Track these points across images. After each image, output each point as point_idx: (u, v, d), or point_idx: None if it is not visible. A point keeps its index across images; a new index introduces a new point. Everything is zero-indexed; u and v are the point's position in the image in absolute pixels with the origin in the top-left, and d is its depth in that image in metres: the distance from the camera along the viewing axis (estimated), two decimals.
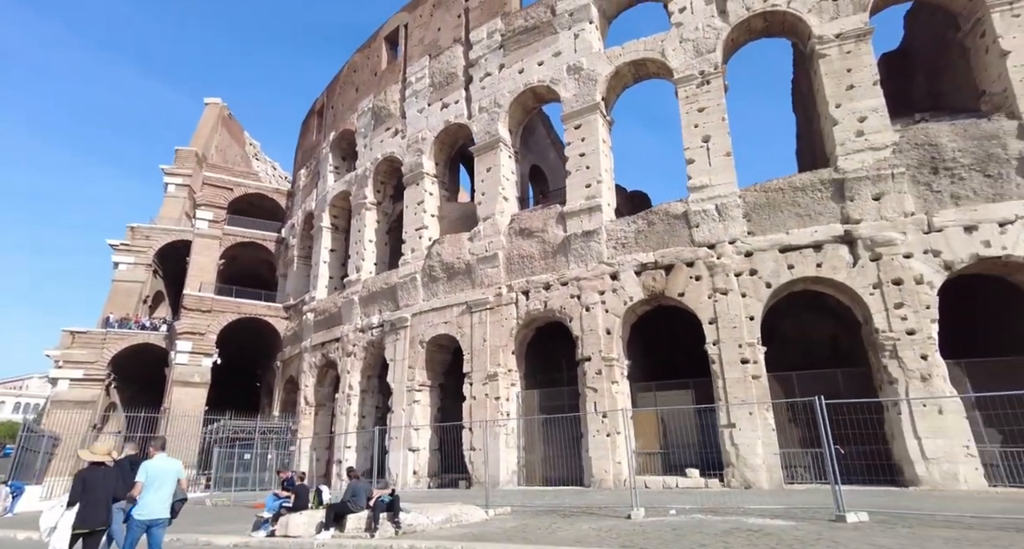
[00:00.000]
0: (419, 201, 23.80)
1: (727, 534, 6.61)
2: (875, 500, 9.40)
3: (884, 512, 7.99)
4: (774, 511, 8.55)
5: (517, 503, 11.02)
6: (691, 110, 17.76)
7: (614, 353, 17.02)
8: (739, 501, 9.66)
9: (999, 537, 6.16)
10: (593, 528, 7.43)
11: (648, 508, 8.70)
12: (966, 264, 13.84)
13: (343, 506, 8.80)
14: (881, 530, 6.58)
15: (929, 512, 7.97)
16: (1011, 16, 14.71)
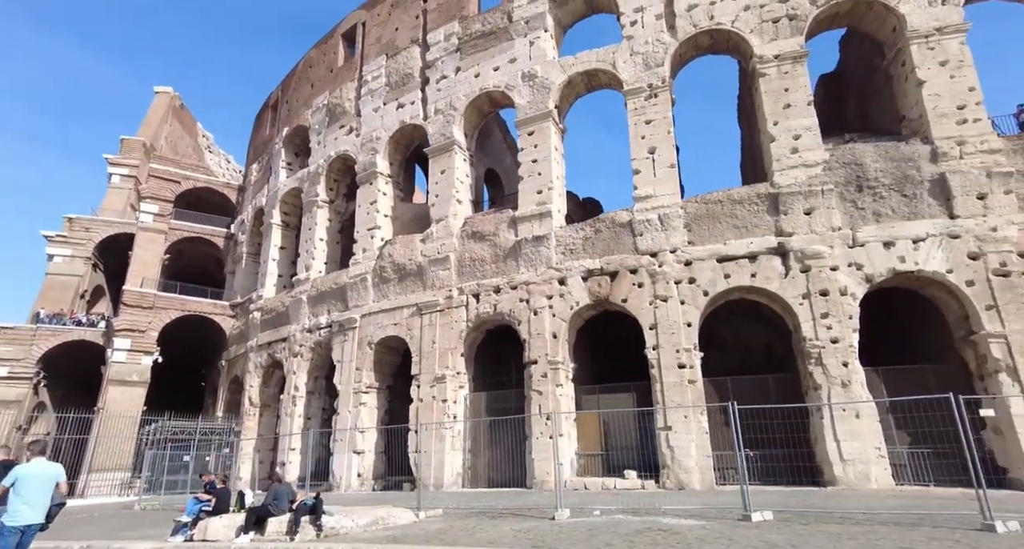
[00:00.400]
0: (372, 201, 23.64)
1: (637, 534, 6.95)
2: (787, 499, 9.98)
3: (789, 511, 8.52)
4: (690, 511, 8.98)
5: (453, 505, 11.16)
6: (639, 122, 18.30)
7: (559, 356, 17.36)
8: (665, 502, 10.07)
9: (876, 531, 6.71)
10: (514, 529, 7.66)
11: (574, 509, 8.99)
12: (885, 278, 14.77)
13: (264, 509, 8.72)
14: (779, 528, 7.05)
15: (829, 510, 8.55)
16: (927, 49, 15.78)
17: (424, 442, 18.44)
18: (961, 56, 15.56)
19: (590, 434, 17.66)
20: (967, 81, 15.34)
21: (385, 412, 21.68)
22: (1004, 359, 13.27)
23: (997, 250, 13.89)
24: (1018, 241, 13.86)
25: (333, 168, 26.48)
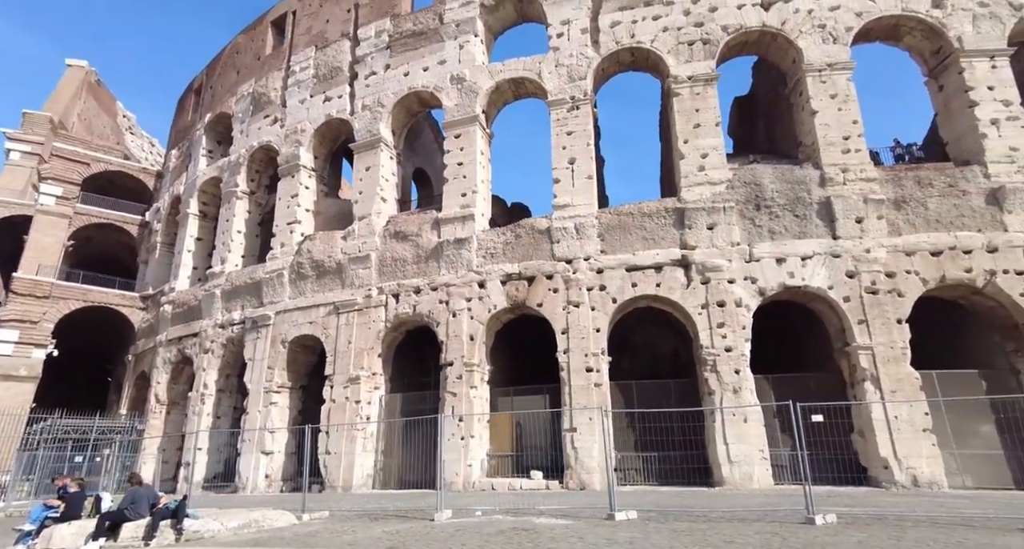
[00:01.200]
0: (293, 194, 23.05)
1: (499, 533, 7.27)
2: (669, 499, 10.65)
3: (656, 510, 9.13)
4: (565, 511, 9.44)
5: (346, 507, 11.15)
6: (561, 133, 18.81)
7: (475, 358, 17.59)
8: (553, 502, 10.45)
9: (717, 526, 7.36)
10: (385, 531, 7.81)
11: (457, 510, 9.23)
12: (776, 292, 15.90)
13: (119, 514, 8.36)
14: (634, 526, 7.58)
15: (692, 509, 9.22)
16: (820, 82, 17.12)
17: (334, 443, 18.24)
18: (848, 91, 16.98)
19: (503, 435, 17.99)
20: (851, 114, 16.75)
21: (298, 412, 21.21)
22: (869, 369, 14.61)
23: (869, 270, 15.26)
24: (886, 262, 15.28)
25: (255, 159, 25.61)
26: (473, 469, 16.59)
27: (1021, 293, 14.54)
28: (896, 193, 15.92)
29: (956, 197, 15.58)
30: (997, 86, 16.39)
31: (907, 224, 15.71)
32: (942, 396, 14.65)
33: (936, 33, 17.27)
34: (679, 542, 6.31)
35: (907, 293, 15.11)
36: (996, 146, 15.85)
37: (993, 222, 15.27)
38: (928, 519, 7.76)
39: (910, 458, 13.75)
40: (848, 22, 17.64)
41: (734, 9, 18.37)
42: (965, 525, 7.28)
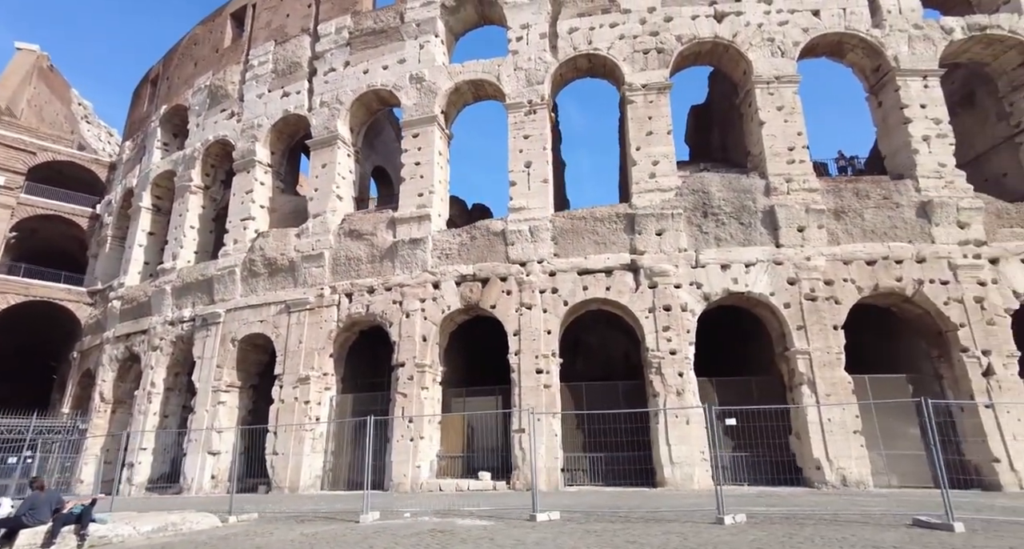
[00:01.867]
0: (248, 190, 22.64)
1: (414, 535, 7.35)
2: (599, 499, 10.85)
3: (581, 511, 9.33)
4: (491, 512, 9.56)
5: (280, 508, 11.04)
6: (518, 136, 18.96)
7: (427, 359, 17.58)
8: (491, 503, 10.56)
9: (631, 527, 7.59)
10: (304, 533, 7.79)
11: (387, 512, 9.26)
12: (720, 297, 16.34)
13: (16, 521, 8.05)
14: (552, 526, 7.75)
15: (617, 509, 9.46)
16: (768, 93, 17.68)
17: (282, 444, 18.01)
18: (794, 104, 17.58)
19: (454, 436, 18.04)
20: (796, 126, 17.35)
21: (248, 412, 20.86)
22: (806, 373, 15.15)
23: (809, 277, 15.83)
24: (825, 271, 15.87)
25: (211, 153, 25.07)
26: (422, 470, 16.59)
27: (944, 302, 15.28)
28: (836, 204, 16.55)
29: (890, 209, 16.28)
30: (929, 105, 17.18)
31: (845, 234, 16.35)
32: (873, 399, 15.34)
33: (876, 51, 18.01)
34: (584, 543, 6.50)
35: (844, 300, 15.72)
36: (927, 162, 16.62)
37: (922, 234, 16.01)
38: (832, 517, 8.16)
39: (840, 459, 14.32)
40: (795, 37, 18.25)
41: (688, 19, 18.81)
42: (862, 522, 7.68)
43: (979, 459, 14.34)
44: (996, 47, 18.12)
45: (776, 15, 18.52)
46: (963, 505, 9.95)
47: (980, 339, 14.90)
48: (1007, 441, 13.89)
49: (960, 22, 18.06)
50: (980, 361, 14.75)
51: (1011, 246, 15.69)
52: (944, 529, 7.11)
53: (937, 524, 7.28)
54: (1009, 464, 13.75)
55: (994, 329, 14.96)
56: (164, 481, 20.98)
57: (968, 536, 6.69)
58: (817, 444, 14.53)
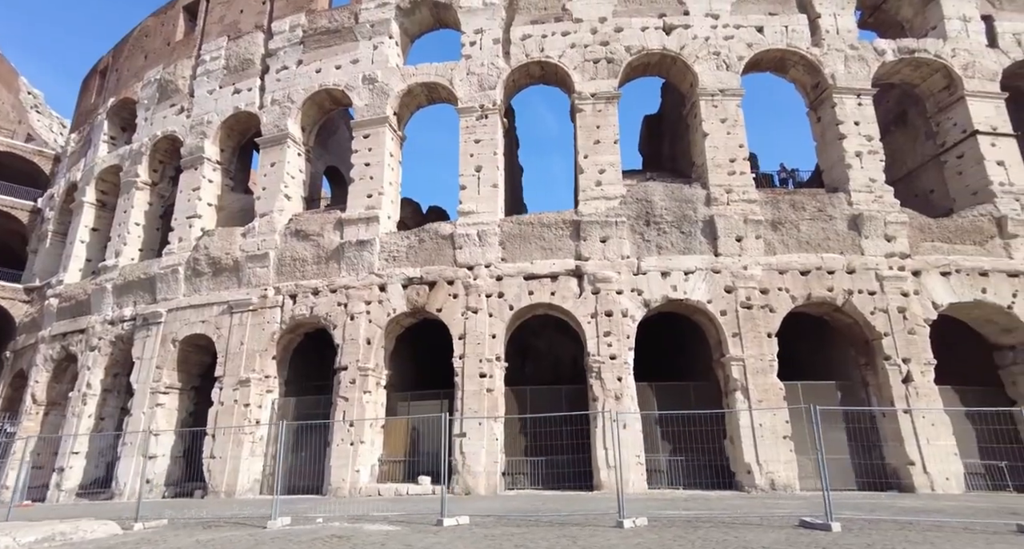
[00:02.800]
0: (195, 187, 22.14)
1: (313, 541, 7.29)
2: (527, 504, 10.94)
3: (495, 515, 9.41)
4: (402, 517, 9.57)
5: (191, 514, 10.79)
6: (469, 140, 19.02)
7: (371, 363, 17.44)
8: (408, 507, 10.53)
9: (533, 530, 7.69)
10: (200, 540, 7.62)
11: (299, 517, 9.17)
12: (660, 304, 16.68)
13: None
14: (456, 531, 7.80)
15: (536, 514, 9.58)
16: (712, 106, 18.17)
17: (220, 447, 17.62)
18: (736, 116, 18.10)
19: (397, 440, 17.94)
20: (739, 139, 17.86)
21: (189, 414, 20.35)
22: (740, 379, 15.57)
23: (745, 286, 16.29)
24: (761, 280, 16.36)
25: (159, 148, 24.42)
26: (361, 475, 16.44)
27: (871, 312, 15.92)
28: (774, 215, 17.09)
29: (824, 221, 16.89)
30: (862, 122, 17.91)
31: (781, 244, 16.89)
32: (804, 404, 15.84)
33: (815, 69, 18.69)
34: (477, 547, 6.57)
35: (778, 309, 16.22)
36: (859, 176, 17.31)
37: (853, 246, 16.66)
38: (732, 520, 8.44)
39: (770, 463, 14.75)
40: (740, 51, 18.80)
41: (638, 31, 19.21)
42: (755, 525, 7.96)
43: (897, 462, 14.96)
44: (924, 70, 18.99)
45: (722, 30, 19.05)
46: (867, 506, 10.40)
47: (901, 347, 15.56)
48: (921, 445, 14.54)
49: (892, 45, 18.89)
50: (901, 368, 15.41)
51: (932, 259, 16.44)
52: (823, 529, 7.45)
53: (819, 525, 7.61)
54: (922, 467, 14.38)
55: (914, 338, 15.65)
56: (97, 486, 20.27)
57: (841, 535, 7.05)
58: (748, 449, 14.93)
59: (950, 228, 16.91)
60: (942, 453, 14.50)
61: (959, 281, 16.27)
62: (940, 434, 14.72)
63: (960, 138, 18.37)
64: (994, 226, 16.76)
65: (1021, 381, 16.03)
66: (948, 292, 16.19)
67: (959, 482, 14.39)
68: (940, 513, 9.39)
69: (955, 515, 9.14)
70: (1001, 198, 17.01)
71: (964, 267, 16.35)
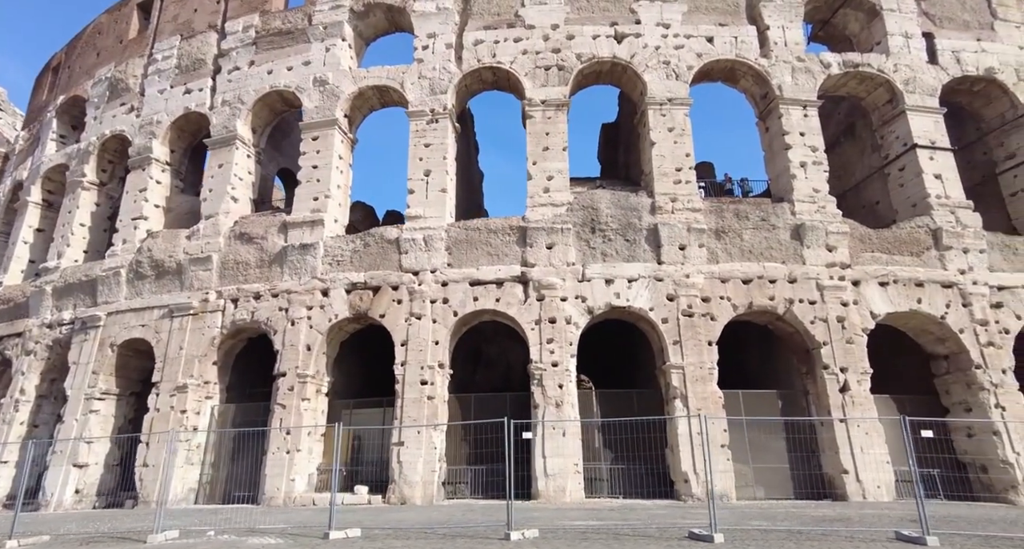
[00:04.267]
0: (142, 188, 21.61)
1: None
2: (431, 515, 10.70)
3: (389, 528, 9.16)
4: (289, 529, 9.29)
5: (90, 530, 10.32)
6: (419, 144, 18.85)
7: (311, 370, 17.08)
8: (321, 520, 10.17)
9: (423, 543, 7.47)
10: None
11: (187, 531, 8.83)
12: (603, 311, 16.62)
13: None
14: (344, 544, 7.56)
15: (426, 526, 9.36)
16: (660, 114, 18.27)
17: (154, 455, 17.05)
18: (684, 125, 18.21)
19: (342, 450, 17.52)
20: (685, 148, 17.96)
21: (128, 421, 19.70)
22: (680, 387, 15.54)
23: (687, 294, 16.31)
24: (703, 288, 16.40)
25: (108, 148, 23.82)
26: (296, 484, 16.04)
27: (811, 321, 16.04)
28: (717, 224, 17.17)
29: (767, 230, 17.02)
30: (807, 133, 18.15)
31: (724, 253, 16.96)
32: (745, 414, 15.88)
33: (763, 80, 18.91)
34: None
35: (719, 317, 16.26)
36: (802, 186, 17.50)
37: (795, 255, 16.80)
38: (631, 531, 8.32)
39: (706, 472, 14.65)
40: (689, 61, 18.96)
41: (589, 39, 19.27)
42: (645, 536, 7.84)
43: (833, 471, 15.03)
44: (869, 83, 19.34)
45: (673, 39, 19.20)
46: (767, 515, 10.34)
47: (839, 357, 15.69)
48: (855, 453, 14.63)
49: (837, 58, 19.22)
50: (838, 377, 15.52)
51: (871, 269, 16.65)
52: (706, 541, 7.36)
53: (704, 536, 7.52)
54: (856, 476, 14.46)
55: (852, 347, 15.79)
56: (27, 497, 19.45)
57: (720, 546, 6.95)
58: (686, 457, 14.86)
59: (889, 239, 17.16)
60: (874, 462, 14.60)
61: (896, 291, 16.49)
62: (873, 443, 14.83)
63: (901, 151, 18.71)
64: (930, 237, 17.05)
65: (954, 390, 16.26)
66: (886, 302, 16.39)
67: (890, 490, 14.49)
68: (842, 522, 9.39)
69: (854, 524, 9.14)
70: (937, 210, 17.32)
71: (901, 277, 16.59)
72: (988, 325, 16.06)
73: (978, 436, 15.34)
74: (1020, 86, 19.18)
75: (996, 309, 16.31)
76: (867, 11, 20.30)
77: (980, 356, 15.73)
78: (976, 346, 15.84)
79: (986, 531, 8.71)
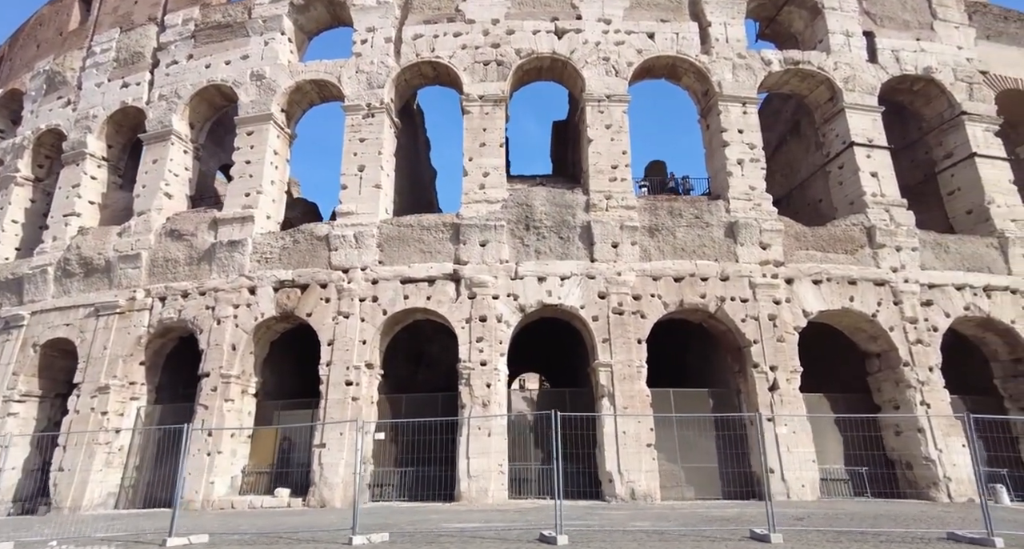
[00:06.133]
0: (75, 184, 21.00)
1: None
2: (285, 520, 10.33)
3: (248, 533, 8.79)
4: (128, 537, 8.87)
5: None
6: (353, 139, 18.48)
7: (235, 370, 16.62)
8: (191, 526, 9.79)
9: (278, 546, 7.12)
10: None
11: (27, 543, 8.39)
12: (535, 309, 16.33)
13: None
14: None
15: (273, 530, 8.99)
16: (598, 111, 18.07)
17: (71, 459, 16.48)
18: (622, 122, 18.02)
19: (265, 450, 17.12)
20: (622, 145, 17.76)
21: (55, 424, 19.02)
22: (607, 385, 15.29)
23: (618, 291, 16.07)
24: (635, 285, 16.17)
25: (43, 142, 23.16)
26: (216, 486, 15.56)
27: (742, 319, 15.87)
28: (651, 221, 16.97)
29: (701, 228, 16.85)
30: (746, 130, 18.02)
31: (657, 251, 16.76)
32: (675, 412, 15.69)
33: (704, 77, 18.77)
34: None
35: (649, 315, 16.04)
36: (738, 184, 17.37)
37: (728, 253, 16.63)
38: (493, 535, 7.99)
39: (631, 472, 14.44)
40: (630, 57, 18.77)
41: (529, 34, 19.03)
42: (500, 539, 7.52)
43: (760, 470, 14.80)
44: (810, 81, 19.29)
45: (614, 35, 19.01)
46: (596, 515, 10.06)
47: (770, 355, 15.53)
48: (781, 452, 14.45)
49: (778, 55, 19.15)
50: (768, 376, 15.36)
51: (805, 267, 16.53)
52: (550, 542, 7.09)
53: (550, 537, 7.24)
54: (781, 474, 14.28)
55: (783, 346, 15.64)
56: None
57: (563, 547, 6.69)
58: (611, 457, 14.62)
59: (824, 237, 17.07)
60: (800, 460, 14.45)
61: (829, 289, 16.38)
62: (800, 441, 14.68)
63: (841, 149, 18.67)
64: (864, 235, 16.98)
65: (885, 388, 16.17)
66: (819, 300, 16.28)
67: (814, 489, 14.34)
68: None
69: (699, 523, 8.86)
70: (872, 208, 17.26)
71: (835, 275, 16.49)
72: (917, 323, 16.00)
73: (905, 433, 15.25)
74: (957, 86, 19.24)
75: (926, 307, 16.25)
76: (810, 9, 20.27)
77: (908, 354, 15.66)
78: (905, 344, 15.77)
79: (833, 526, 8.61)
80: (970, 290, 16.56)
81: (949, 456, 14.46)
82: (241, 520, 10.82)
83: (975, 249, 17.16)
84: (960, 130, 18.95)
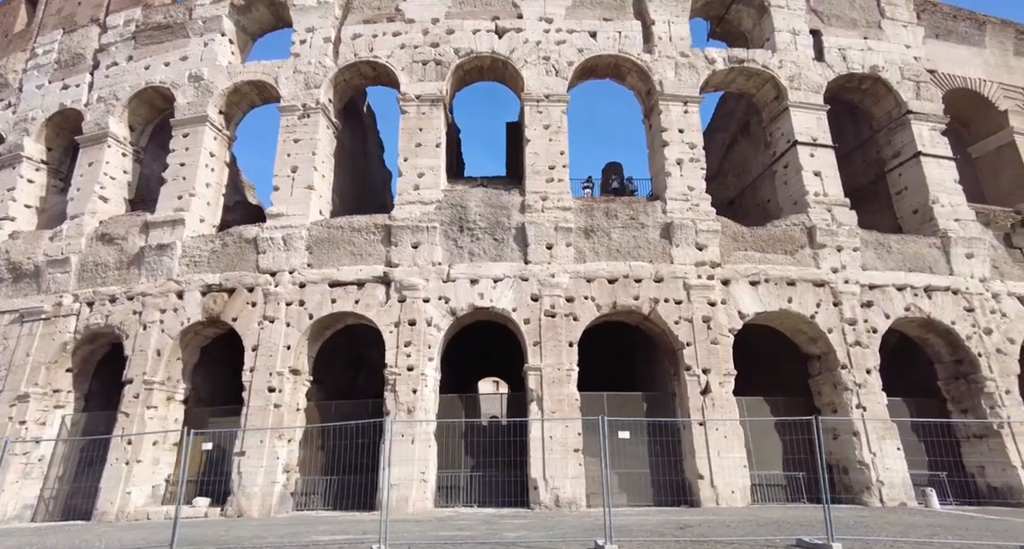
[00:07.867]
0: (10, 187, 20.55)
1: None
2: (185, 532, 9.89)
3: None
4: None
5: None
6: (288, 140, 18.13)
7: (159, 376, 16.15)
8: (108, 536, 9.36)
9: None
10: None
11: None
12: (466, 312, 15.92)
13: None
14: None
15: (228, 542, 8.56)
16: (537, 111, 17.77)
17: None
18: (560, 123, 17.71)
19: (191, 459, 16.51)
20: (560, 145, 17.44)
21: None
22: (536, 389, 14.86)
23: (551, 294, 15.68)
24: (568, 288, 15.79)
25: None
26: (133, 496, 15.04)
27: (676, 321, 15.48)
28: (587, 222, 16.61)
29: (636, 229, 16.49)
30: (687, 129, 17.72)
31: (592, 252, 16.39)
32: (608, 417, 15.21)
33: (646, 76, 18.48)
34: None
35: (582, 317, 15.64)
36: (677, 184, 17.03)
37: (663, 254, 16.27)
38: None
39: (556, 479, 14.00)
40: (570, 57, 18.49)
41: (469, 33, 18.74)
42: None
43: (691, 476, 14.40)
44: (756, 80, 19.03)
45: (555, 34, 18.74)
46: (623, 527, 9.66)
47: (703, 358, 15.13)
48: (712, 458, 14.03)
49: (723, 53, 18.88)
50: (700, 379, 14.95)
51: (742, 268, 16.17)
52: None
53: None
54: (711, 480, 13.86)
55: (716, 348, 15.25)
56: None
57: None
58: (537, 463, 14.18)
59: (763, 237, 16.72)
60: (731, 466, 14.02)
61: (767, 290, 16.02)
62: (732, 446, 14.26)
63: (786, 148, 18.37)
64: (805, 236, 16.64)
65: (825, 391, 15.78)
66: (756, 301, 15.91)
67: (744, 495, 13.90)
68: None
69: None
70: (814, 208, 16.94)
71: (773, 276, 16.13)
72: (856, 324, 15.63)
73: (841, 437, 14.85)
74: (904, 84, 18.99)
75: (866, 308, 15.89)
76: (757, 7, 20.04)
77: (847, 356, 15.28)
78: (843, 346, 15.40)
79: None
80: (911, 291, 16.21)
81: (883, 460, 14.06)
82: (127, 534, 10.29)
83: (917, 249, 16.83)
84: (907, 129, 18.68)
